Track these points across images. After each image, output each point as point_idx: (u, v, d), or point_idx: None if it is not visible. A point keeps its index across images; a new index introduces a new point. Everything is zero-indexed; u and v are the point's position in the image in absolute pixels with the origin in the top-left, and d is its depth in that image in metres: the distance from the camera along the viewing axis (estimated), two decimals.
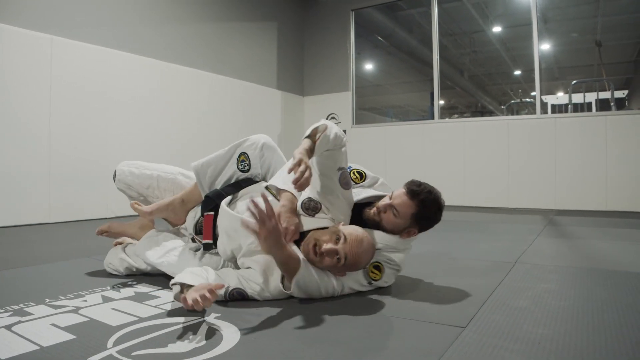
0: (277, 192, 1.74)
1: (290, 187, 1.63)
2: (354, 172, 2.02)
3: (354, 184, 1.95)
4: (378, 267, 1.79)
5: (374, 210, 1.82)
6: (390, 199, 1.79)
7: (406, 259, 1.91)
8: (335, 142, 1.70)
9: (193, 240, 2.01)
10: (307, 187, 1.57)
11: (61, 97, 4.25)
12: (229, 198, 1.87)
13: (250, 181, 1.96)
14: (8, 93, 3.90)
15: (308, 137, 1.67)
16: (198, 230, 1.97)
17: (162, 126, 5.20)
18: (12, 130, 3.93)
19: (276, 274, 1.62)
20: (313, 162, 1.71)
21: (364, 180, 2.02)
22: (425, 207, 1.77)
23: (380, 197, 1.89)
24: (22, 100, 3.99)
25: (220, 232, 1.79)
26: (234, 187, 1.94)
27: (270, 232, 1.46)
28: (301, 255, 1.60)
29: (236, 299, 1.62)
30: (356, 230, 1.63)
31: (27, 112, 4.02)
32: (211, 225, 1.87)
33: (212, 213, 1.88)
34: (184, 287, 1.49)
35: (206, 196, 1.93)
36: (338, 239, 1.57)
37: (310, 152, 1.64)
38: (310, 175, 1.55)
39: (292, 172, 1.53)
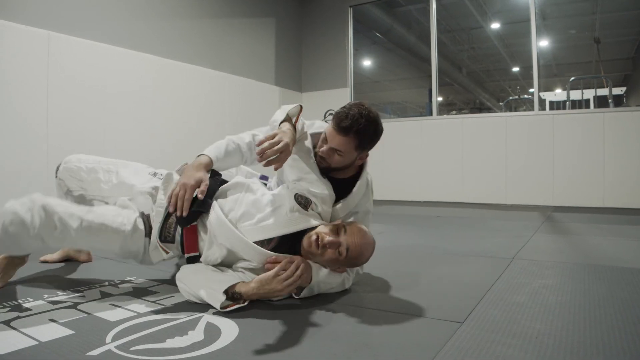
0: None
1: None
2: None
3: None
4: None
5: (317, 158, 1.74)
6: (327, 140, 1.69)
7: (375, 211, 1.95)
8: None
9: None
10: (277, 164, 1.52)
11: (58, 93, 4.23)
12: (221, 207, 1.66)
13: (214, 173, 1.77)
14: (5, 89, 3.89)
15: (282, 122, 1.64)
16: (167, 238, 1.69)
17: (159, 122, 5.19)
18: (9, 126, 3.91)
19: None
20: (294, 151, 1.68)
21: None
22: (364, 134, 1.66)
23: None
24: (19, 97, 3.98)
25: (212, 244, 1.64)
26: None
27: (290, 285, 1.50)
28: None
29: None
30: (357, 224, 1.64)
31: (24, 108, 4.01)
32: (197, 237, 1.67)
33: (196, 223, 1.67)
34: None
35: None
36: (339, 232, 1.58)
37: (294, 135, 1.60)
38: (287, 152, 1.51)
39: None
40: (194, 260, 1.68)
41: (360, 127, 1.63)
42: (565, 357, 1.13)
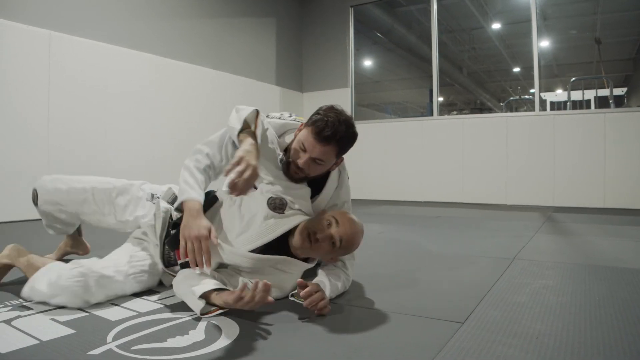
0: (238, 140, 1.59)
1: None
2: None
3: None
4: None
5: (293, 167, 1.67)
6: (305, 149, 1.62)
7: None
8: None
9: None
10: (249, 190, 1.46)
11: (60, 92, 4.24)
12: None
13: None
14: (7, 89, 3.89)
15: (241, 130, 1.58)
16: (170, 262, 1.70)
17: (160, 122, 5.20)
18: (10, 125, 3.92)
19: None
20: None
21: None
22: (345, 140, 1.64)
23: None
24: (21, 96, 3.98)
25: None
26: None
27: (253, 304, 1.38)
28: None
29: None
30: (344, 213, 1.65)
31: (25, 108, 4.02)
32: None
33: None
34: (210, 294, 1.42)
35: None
36: (329, 224, 1.58)
37: (257, 150, 1.52)
38: (255, 176, 1.44)
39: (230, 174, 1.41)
40: (188, 265, 1.62)
41: (342, 135, 1.60)
42: (565, 357, 1.13)
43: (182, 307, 1.51)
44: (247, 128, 1.58)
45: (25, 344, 1.21)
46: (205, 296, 1.41)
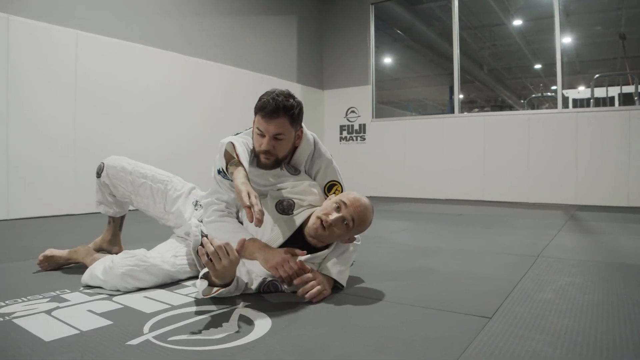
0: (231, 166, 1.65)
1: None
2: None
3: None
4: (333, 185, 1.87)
5: (262, 158, 1.75)
6: (262, 133, 1.71)
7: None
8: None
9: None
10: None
11: (85, 91, 4.33)
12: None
13: None
14: (35, 87, 3.99)
15: (228, 164, 1.64)
16: None
17: (184, 119, 5.27)
18: (39, 124, 4.02)
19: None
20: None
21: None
22: (290, 107, 1.69)
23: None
24: (49, 95, 4.08)
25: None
26: None
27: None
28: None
29: (270, 291, 1.65)
30: (350, 193, 1.70)
31: (53, 106, 4.11)
32: None
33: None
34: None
35: None
36: (339, 207, 1.63)
37: (247, 178, 1.57)
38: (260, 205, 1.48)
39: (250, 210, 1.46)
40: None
41: (285, 104, 1.67)
42: (595, 354, 1.14)
43: (212, 301, 1.55)
44: (231, 159, 1.64)
45: (67, 333, 1.25)
46: (207, 276, 1.50)
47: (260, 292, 1.65)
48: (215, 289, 1.50)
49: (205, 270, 1.50)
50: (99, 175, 2.07)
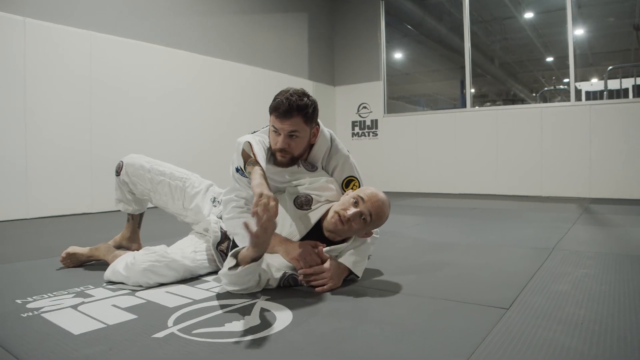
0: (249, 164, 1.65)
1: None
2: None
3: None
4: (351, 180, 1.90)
5: (278, 156, 1.78)
6: (278, 132, 1.73)
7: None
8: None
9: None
10: (276, 215, 1.41)
11: (101, 91, 4.39)
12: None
13: None
14: (52, 88, 4.05)
15: (246, 163, 1.64)
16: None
17: (198, 118, 5.32)
18: (56, 124, 4.08)
19: None
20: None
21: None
22: (305, 106, 1.72)
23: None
24: (65, 95, 4.14)
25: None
26: None
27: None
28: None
29: (290, 285, 1.68)
30: (367, 188, 1.74)
31: (69, 106, 4.17)
32: None
33: None
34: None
35: None
36: (356, 202, 1.66)
37: (264, 177, 1.55)
38: (275, 203, 1.40)
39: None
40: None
41: (299, 104, 1.70)
42: (612, 343, 1.15)
43: (233, 295, 1.58)
44: (248, 158, 1.65)
45: (94, 327, 1.29)
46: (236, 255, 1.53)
47: (280, 286, 1.67)
48: (241, 268, 1.48)
49: (235, 249, 1.54)
50: (118, 173, 2.12)
